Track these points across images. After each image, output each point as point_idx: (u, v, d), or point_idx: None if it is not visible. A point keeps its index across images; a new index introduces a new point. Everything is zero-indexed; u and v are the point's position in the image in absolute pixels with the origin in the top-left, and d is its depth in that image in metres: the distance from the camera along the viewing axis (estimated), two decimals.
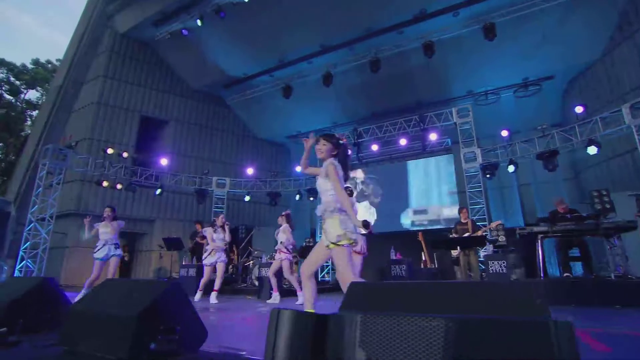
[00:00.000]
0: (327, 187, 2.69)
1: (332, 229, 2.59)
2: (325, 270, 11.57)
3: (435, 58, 9.97)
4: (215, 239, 6.12)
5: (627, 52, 8.39)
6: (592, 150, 7.71)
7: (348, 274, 2.54)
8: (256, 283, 7.94)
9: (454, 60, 10.67)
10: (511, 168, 9.16)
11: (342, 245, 2.56)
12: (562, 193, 10.18)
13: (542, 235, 5.38)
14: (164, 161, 10.92)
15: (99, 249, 5.43)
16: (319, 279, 10.82)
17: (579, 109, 8.02)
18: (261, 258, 8.57)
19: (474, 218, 8.54)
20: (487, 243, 5.98)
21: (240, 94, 13.48)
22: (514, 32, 9.41)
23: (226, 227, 6.17)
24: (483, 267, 6.98)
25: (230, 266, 10.26)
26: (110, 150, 10.14)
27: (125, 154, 10.43)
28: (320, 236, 3.75)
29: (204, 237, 9.68)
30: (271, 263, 6.37)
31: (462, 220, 7.10)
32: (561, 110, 10.70)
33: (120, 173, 10.34)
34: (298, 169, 12.27)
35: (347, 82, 12.09)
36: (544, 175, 10.46)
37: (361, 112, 13.02)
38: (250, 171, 11.90)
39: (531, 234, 5.50)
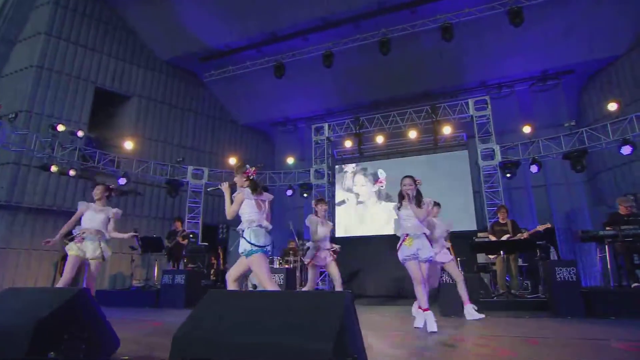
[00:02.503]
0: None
1: None
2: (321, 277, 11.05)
3: (449, 43, 9.85)
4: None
5: None
6: (626, 150, 7.97)
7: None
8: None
9: (470, 46, 10.65)
10: (534, 168, 9.27)
11: None
12: (578, 195, 10.56)
13: (609, 239, 5.33)
14: (129, 144, 9.75)
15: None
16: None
17: (612, 106, 8.27)
18: None
19: (492, 222, 8.48)
20: (551, 248, 5.84)
21: (219, 69, 12.53)
22: (538, 19, 9.55)
23: (433, 209, 4.45)
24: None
25: (212, 271, 9.48)
26: (61, 127, 8.82)
27: (80, 133, 9.16)
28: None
29: (185, 237, 8.80)
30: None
31: (501, 221, 6.93)
32: (577, 107, 11.09)
33: (73, 156, 9.05)
34: (290, 160, 11.66)
35: (347, 64, 11.62)
36: (556, 176, 10.80)
37: (361, 100, 12.67)
38: (234, 160, 11.06)
39: (596, 237, 5.43)
